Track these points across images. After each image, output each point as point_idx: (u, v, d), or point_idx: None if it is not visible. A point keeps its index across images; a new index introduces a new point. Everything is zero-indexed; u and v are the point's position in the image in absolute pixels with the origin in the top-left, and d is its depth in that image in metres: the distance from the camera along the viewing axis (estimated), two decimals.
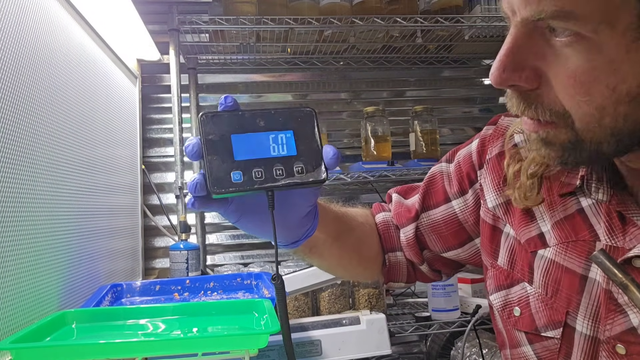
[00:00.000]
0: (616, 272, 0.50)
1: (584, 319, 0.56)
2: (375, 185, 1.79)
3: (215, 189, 0.49)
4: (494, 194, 0.67)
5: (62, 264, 0.93)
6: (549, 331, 0.59)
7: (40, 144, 0.86)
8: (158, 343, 0.68)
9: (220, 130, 0.51)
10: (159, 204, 1.66)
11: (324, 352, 1.15)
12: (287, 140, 0.52)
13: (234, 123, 0.51)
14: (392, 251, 0.79)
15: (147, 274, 1.64)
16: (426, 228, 0.75)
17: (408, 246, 0.77)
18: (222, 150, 0.50)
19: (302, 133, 0.53)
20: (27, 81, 0.82)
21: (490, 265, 0.68)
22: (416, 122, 1.65)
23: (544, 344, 0.60)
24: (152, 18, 1.52)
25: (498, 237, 0.66)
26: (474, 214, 0.71)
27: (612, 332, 0.53)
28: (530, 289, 0.61)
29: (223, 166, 0.50)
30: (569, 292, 0.57)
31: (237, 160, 0.50)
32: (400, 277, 0.80)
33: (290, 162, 0.52)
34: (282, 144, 0.52)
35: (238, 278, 1.10)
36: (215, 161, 0.50)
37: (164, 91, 1.72)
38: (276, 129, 0.52)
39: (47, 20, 0.91)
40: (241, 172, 0.50)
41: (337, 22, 1.47)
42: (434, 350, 1.48)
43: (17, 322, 0.75)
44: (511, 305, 0.63)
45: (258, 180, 0.50)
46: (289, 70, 1.82)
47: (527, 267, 0.61)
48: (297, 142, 0.52)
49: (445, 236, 0.74)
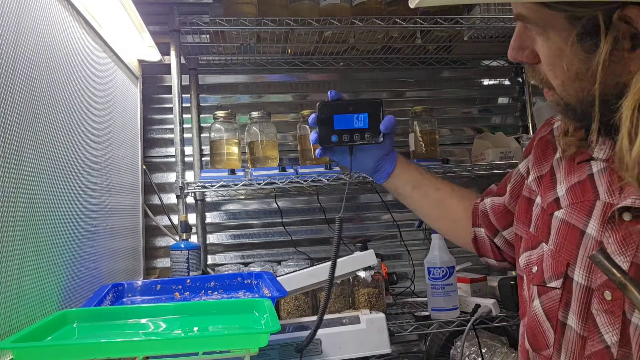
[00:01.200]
0: (615, 271, 0.51)
1: (580, 269, 0.64)
2: (375, 185, 1.80)
3: (322, 143, 0.90)
4: (533, 170, 0.78)
5: (63, 263, 0.93)
6: (552, 282, 0.67)
7: (42, 144, 0.86)
8: (159, 342, 0.68)
9: (328, 112, 0.90)
10: (160, 203, 1.67)
11: (324, 351, 1.15)
12: (363, 118, 0.90)
13: (335, 108, 0.90)
14: (477, 226, 0.93)
15: (148, 274, 1.65)
16: (489, 209, 0.91)
17: (484, 216, 0.91)
18: (328, 123, 0.90)
19: (373, 114, 0.90)
20: (28, 81, 0.82)
21: (525, 233, 0.77)
22: (416, 122, 1.65)
23: (549, 294, 0.67)
24: (153, 19, 1.52)
25: (531, 207, 0.77)
26: (515, 198, 0.84)
27: (601, 280, 0.61)
28: (545, 248, 0.70)
29: (327, 131, 0.90)
30: (570, 246, 0.65)
31: (335, 129, 0.90)
32: (487, 253, 0.94)
33: (363, 131, 0.90)
34: (360, 121, 0.90)
35: (238, 277, 1.11)
36: (323, 129, 0.90)
37: (165, 92, 1.72)
38: (358, 111, 0.90)
39: (48, 21, 0.91)
40: (337, 136, 0.90)
41: (337, 23, 1.47)
42: (434, 350, 1.48)
43: (18, 321, 0.75)
44: (531, 265, 0.72)
45: (344, 140, 0.90)
46: (289, 70, 1.82)
47: (546, 228, 0.70)
48: (369, 120, 0.90)
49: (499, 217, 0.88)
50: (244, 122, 1.68)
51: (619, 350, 0.59)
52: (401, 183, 0.95)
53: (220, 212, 1.76)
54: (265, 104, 1.81)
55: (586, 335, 0.63)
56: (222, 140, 1.52)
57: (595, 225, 0.62)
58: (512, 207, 0.84)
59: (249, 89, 1.82)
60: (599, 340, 0.61)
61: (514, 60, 0.66)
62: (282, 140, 1.77)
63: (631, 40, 0.55)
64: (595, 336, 0.62)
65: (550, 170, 0.74)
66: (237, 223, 1.77)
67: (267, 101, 1.82)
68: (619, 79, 0.57)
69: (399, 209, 1.80)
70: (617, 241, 0.60)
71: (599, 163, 0.66)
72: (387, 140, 0.92)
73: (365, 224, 1.84)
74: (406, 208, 1.14)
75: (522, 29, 0.64)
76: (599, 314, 0.61)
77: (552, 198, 0.71)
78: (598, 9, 0.55)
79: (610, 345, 0.60)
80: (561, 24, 0.58)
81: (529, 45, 0.64)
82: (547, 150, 0.76)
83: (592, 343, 0.62)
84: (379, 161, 0.94)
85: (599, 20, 0.55)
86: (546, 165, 0.76)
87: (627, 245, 0.59)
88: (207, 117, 1.74)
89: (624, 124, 0.55)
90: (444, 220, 0.98)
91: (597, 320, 0.61)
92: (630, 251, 0.58)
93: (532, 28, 0.62)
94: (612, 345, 0.60)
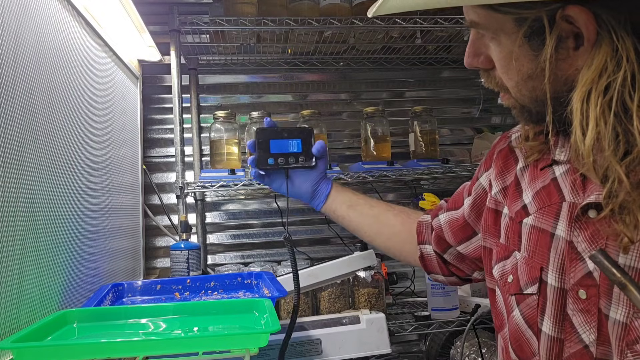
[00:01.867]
0: (615, 271, 0.51)
1: (553, 272, 0.65)
2: (375, 185, 1.80)
3: (259, 166, 0.96)
4: (497, 182, 0.79)
5: (63, 263, 0.93)
6: (529, 288, 0.67)
7: (42, 145, 0.86)
8: (159, 342, 0.68)
9: (265, 137, 0.97)
10: (160, 203, 1.67)
11: (324, 351, 1.15)
12: (297, 144, 0.97)
13: (271, 133, 0.97)
14: (423, 243, 0.94)
15: (148, 274, 1.65)
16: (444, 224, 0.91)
17: (436, 233, 0.92)
18: (265, 147, 0.96)
19: (305, 140, 0.97)
20: (28, 82, 0.82)
21: (495, 245, 0.77)
22: (416, 122, 1.65)
23: (527, 301, 0.68)
24: (153, 19, 1.53)
25: (499, 219, 0.77)
26: (475, 211, 0.84)
27: (574, 279, 0.62)
28: (518, 256, 0.70)
29: (264, 155, 0.96)
30: (542, 250, 0.66)
31: (272, 152, 0.96)
32: (435, 269, 0.94)
33: (297, 155, 0.97)
34: (294, 146, 0.97)
35: (238, 277, 1.11)
36: (260, 152, 0.96)
37: (165, 92, 1.72)
38: (292, 137, 0.97)
39: (48, 21, 0.91)
40: (273, 159, 0.96)
41: (337, 23, 1.47)
42: (434, 350, 1.48)
43: (19, 321, 0.75)
44: (507, 274, 0.72)
45: (280, 163, 0.96)
46: (289, 70, 1.82)
47: (517, 237, 0.71)
48: (302, 145, 0.97)
49: (456, 231, 0.88)
50: (244, 122, 1.68)
51: (597, 349, 0.60)
52: (338, 204, 0.98)
53: (220, 212, 1.76)
54: (265, 104, 1.81)
55: (563, 337, 0.63)
56: (222, 140, 1.52)
57: (564, 226, 0.64)
58: (472, 221, 0.85)
59: (249, 89, 1.82)
60: (576, 341, 0.62)
61: (470, 67, 0.69)
62: None
63: (575, 40, 0.58)
64: (572, 337, 0.62)
65: (515, 180, 0.75)
66: (237, 223, 1.77)
67: (267, 101, 1.82)
68: (567, 75, 0.60)
69: None
70: (586, 239, 0.61)
71: (561, 166, 0.67)
72: (320, 163, 0.98)
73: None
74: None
75: (475, 36, 0.67)
76: (574, 314, 0.62)
77: (519, 206, 0.72)
78: (542, 9, 0.57)
79: (588, 344, 0.61)
80: (510, 26, 0.60)
81: (483, 51, 0.67)
82: (509, 162, 0.78)
83: (569, 344, 0.63)
84: (315, 185, 0.98)
85: (544, 20, 0.58)
86: (509, 176, 0.77)
87: (595, 241, 0.60)
88: (207, 117, 1.74)
89: (576, 117, 0.57)
90: (382, 235, 0.99)
91: (574, 320, 0.62)
92: (599, 247, 0.60)
93: (484, 34, 0.65)
94: (590, 344, 0.60)
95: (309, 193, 0.99)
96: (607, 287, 0.59)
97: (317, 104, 1.84)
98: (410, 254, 0.97)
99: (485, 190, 0.82)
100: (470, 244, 0.86)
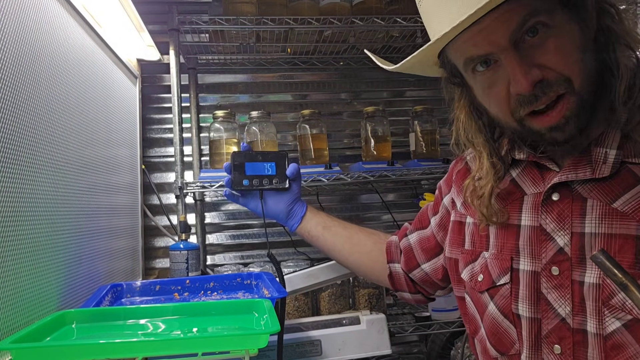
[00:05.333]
0: (616, 272, 0.51)
1: (525, 257, 0.70)
2: (375, 186, 1.79)
3: (235, 187, 1.01)
4: (459, 198, 0.85)
5: (62, 264, 0.93)
6: (501, 279, 0.72)
7: (40, 144, 0.86)
8: (158, 343, 0.68)
9: (240, 159, 1.02)
10: (159, 204, 1.67)
11: (324, 352, 1.15)
12: (271, 167, 1.02)
13: (247, 156, 1.02)
14: (392, 262, 0.99)
15: (147, 274, 1.64)
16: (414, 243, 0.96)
17: (406, 252, 0.96)
18: (240, 169, 1.01)
19: (279, 163, 1.03)
20: (27, 81, 0.82)
21: (460, 252, 0.82)
22: (416, 122, 1.65)
23: (500, 292, 0.72)
24: (152, 18, 1.52)
25: (463, 228, 0.83)
26: (442, 228, 0.90)
27: (546, 259, 0.67)
28: (487, 255, 0.76)
29: (240, 177, 1.01)
30: (510, 242, 0.72)
31: (247, 174, 1.02)
32: (402, 287, 0.99)
33: (272, 177, 1.02)
34: (269, 168, 1.02)
35: (238, 278, 1.10)
36: (236, 174, 1.01)
37: (164, 91, 1.72)
38: (267, 160, 1.02)
39: (47, 20, 0.91)
40: (248, 180, 1.02)
41: (337, 22, 1.47)
42: (434, 350, 1.48)
43: (17, 322, 0.75)
44: (476, 275, 0.77)
45: (255, 185, 1.02)
46: (289, 70, 1.82)
47: (484, 239, 0.77)
48: (276, 168, 1.03)
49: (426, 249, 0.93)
50: (243, 122, 1.67)
51: (574, 319, 0.64)
52: (313, 225, 1.03)
53: (219, 212, 1.76)
54: (265, 104, 1.81)
55: (540, 316, 0.67)
56: (222, 140, 1.52)
57: (529, 215, 0.70)
58: (440, 238, 0.90)
59: (248, 89, 1.82)
60: (553, 317, 0.66)
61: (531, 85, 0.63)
62: (282, 140, 1.77)
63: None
64: (549, 314, 0.66)
65: None
66: (236, 223, 1.77)
67: (267, 101, 1.82)
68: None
69: (399, 209, 1.80)
70: (554, 220, 0.67)
71: (517, 169, 0.74)
72: (294, 185, 1.03)
73: (365, 224, 1.83)
74: (406, 208, 1.14)
75: (519, 52, 0.71)
76: (549, 292, 0.66)
77: None
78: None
79: (564, 316, 0.65)
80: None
81: (532, 55, 0.70)
82: (467, 178, 0.81)
83: (547, 321, 0.67)
84: (290, 205, 1.03)
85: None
86: None
87: (563, 220, 0.66)
88: (207, 117, 1.73)
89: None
90: (355, 254, 1.03)
91: (549, 297, 0.66)
92: (567, 224, 0.65)
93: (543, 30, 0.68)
94: (566, 316, 0.65)
95: (284, 213, 1.03)
96: (578, 257, 0.64)
97: (317, 103, 1.83)
98: (380, 272, 1.01)
99: (449, 211, 0.88)
100: (437, 261, 0.91)
